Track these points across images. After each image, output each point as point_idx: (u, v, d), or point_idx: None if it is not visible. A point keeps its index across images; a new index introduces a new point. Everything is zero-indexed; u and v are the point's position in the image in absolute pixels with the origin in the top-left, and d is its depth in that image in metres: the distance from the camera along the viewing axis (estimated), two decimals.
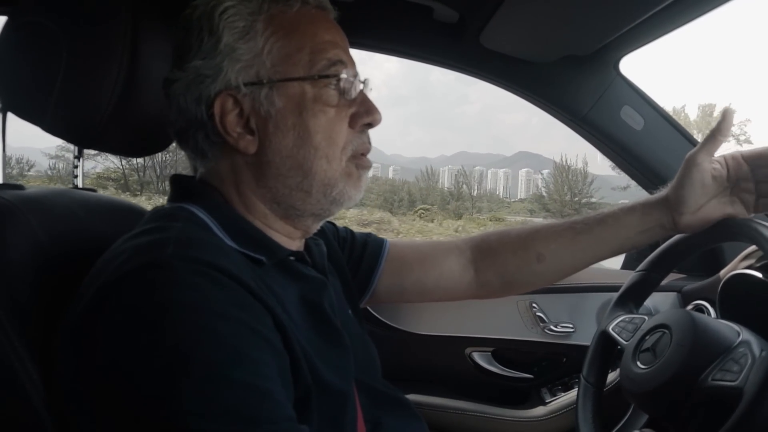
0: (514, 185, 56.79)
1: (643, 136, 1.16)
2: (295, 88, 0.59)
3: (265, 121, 0.59)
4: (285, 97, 0.59)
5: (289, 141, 0.59)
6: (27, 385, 0.52)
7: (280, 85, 0.59)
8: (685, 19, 0.94)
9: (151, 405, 0.44)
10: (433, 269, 0.87)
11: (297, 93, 0.59)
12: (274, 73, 0.59)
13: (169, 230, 0.54)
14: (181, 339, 0.45)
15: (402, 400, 0.75)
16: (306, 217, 0.64)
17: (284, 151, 0.60)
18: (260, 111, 0.59)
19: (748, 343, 0.65)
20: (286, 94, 0.59)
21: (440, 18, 1.09)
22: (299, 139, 0.59)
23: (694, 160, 0.74)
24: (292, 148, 0.59)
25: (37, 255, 0.57)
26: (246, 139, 0.60)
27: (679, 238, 0.83)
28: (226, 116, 0.59)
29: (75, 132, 0.71)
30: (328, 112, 0.60)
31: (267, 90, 0.59)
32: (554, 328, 1.28)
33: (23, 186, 0.68)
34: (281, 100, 0.59)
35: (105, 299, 0.48)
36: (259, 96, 0.59)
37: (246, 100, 0.59)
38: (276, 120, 0.59)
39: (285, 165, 0.60)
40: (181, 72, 0.60)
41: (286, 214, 0.63)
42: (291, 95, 0.59)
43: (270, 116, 0.59)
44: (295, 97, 0.59)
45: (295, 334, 0.55)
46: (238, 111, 0.59)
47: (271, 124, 0.59)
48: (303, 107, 0.59)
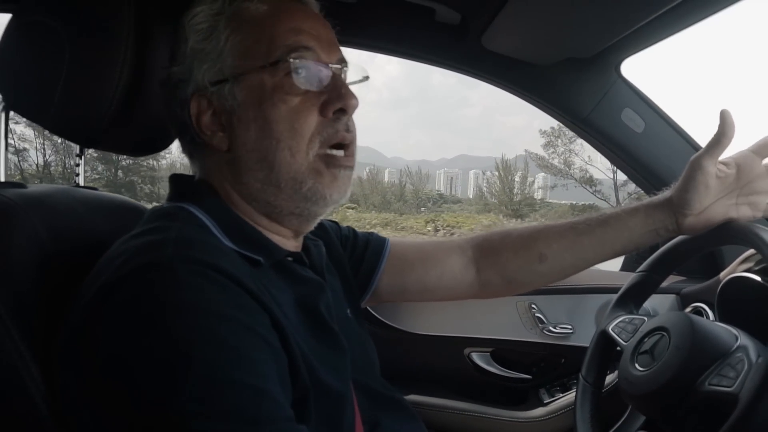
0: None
1: (644, 139, 1.17)
2: (253, 79, 0.59)
3: (230, 117, 0.60)
4: (245, 89, 0.60)
5: (252, 133, 0.60)
6: (28, 383, 0.52)
7: (241, 79, 0.59)
8: (688, 22, 0.94)
9: (151, 405, 0.45)
10: (434, 268, 0.87)
11: (256, 84, 0.59)
12: (235, 67, 0.60)
13: (168, 231, 0.54)
14: (180, 340, 0.46)
15: (400, 401, 0.75)
16: (286, 216, 0.63)
17: (249, 144, 0.60)
18: (226, 107, 0.60)
19: (745, 349, 0.65)
20: (246, 86, 0.60)
21: (442, 19, 1.09)
22: (260, 130, 0.59)
23: (699, 164, 0.74)
24: (255, 141, 0.60)
25: (38, 253, 0.58)
26: (218, 136, 0.61)
27: (680, 240, 0.84)
28: (201, 117, 0.61)
29: (77, 131, 0.71)
30: (290, 101, 0.59)
31: (229, 85, 0.60)
32: (553, 329, 1.29)
33: (25, 184, 0.68)
34: (241, 93, 0.60)
35: (105, 299, 0.49)
36: (224, 92, 0.60)
37: (215, 98, 0.60)
38: (239, 114, 0.60)
39: (251, 158, 0.60)
40: (168, 78, 0.63)
41: (266, 212, 0.64)
42: (250, 87, 0.60)
43: (233, 111, 0.60)
44: (254, 89, 0.59)
45: (292, 334, 0.55)
46: (212, 111, 0.61)
47: (235, 119, 0.60)
48: (262, 98, 0.59)
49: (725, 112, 0.72)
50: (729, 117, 0.72)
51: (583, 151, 20.32)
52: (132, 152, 0.81)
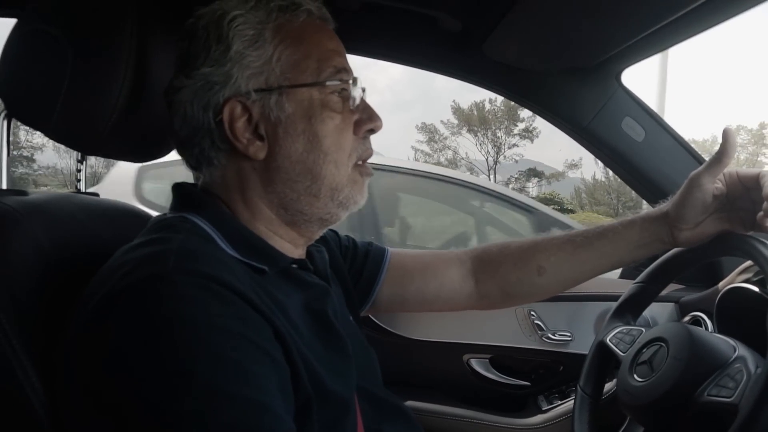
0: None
1: (644, 148, 1.17)
2: (303, 94, 0.60)
3: (275, 127, 0.60)
4: (294, 102, 0.60)
5: (299, 146, 0.61)
6: (28, 391, 0.52)
7: (290, 92, 0.60)
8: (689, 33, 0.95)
9: (151, 418, 0.44)
10: (434, 279, 0.87)
11: (306, 99, 0.60)
12: (284, 79, 0.60)
13: (170, 242, 0.54)
14: (181, 353, 0.46)
15: (402, 408, 0.75)
16: (313, 223, 0.65)
17: (294, 156, 0.61)
18: (270, 117, 0.60)
19: (743, 359, 0.65)
20: (296, 100, 0.60)
21: (444, 27, 1.10)
22: (309, 143, 0.61)
23: (698, 182, 0.74)
24: (302, 153, 0.61)
25: (39, 261, 0.58)
26: (255, 144, 0.61)
27: (678, 251, 0.84)
28: (235, 122, 0.60)
29: (79, 139, 0.71)
30: (335, 119, 0.62)
31: (277, 96, 0.60)
32: (552, 336, 1.29)
33: (26, 192, 0.68)
34: (291, 105, 0.60)
35: (106, 312, 0.49)
36: (268, 102, 0.60)
37: (255, 106, 0.60)
38: (286, 125, 0.60)
39: (294, 170, 0.61)
40: (188, 79, 0.60)
41: (292, 220, 0.64)
42: (300, 101, 0.60)
43: (280, 122, 0.60)
44: (303, 103, 0.60)
45: (296, 343, 0.55)
46: (247, 117, 0.60)
47: (281, 130, 0.60)
48: (312, 113, 0.61)
49: (728, 131, 0.73)
50: (732, 136, 0.72)
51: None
52: (133, 158, 0.82)
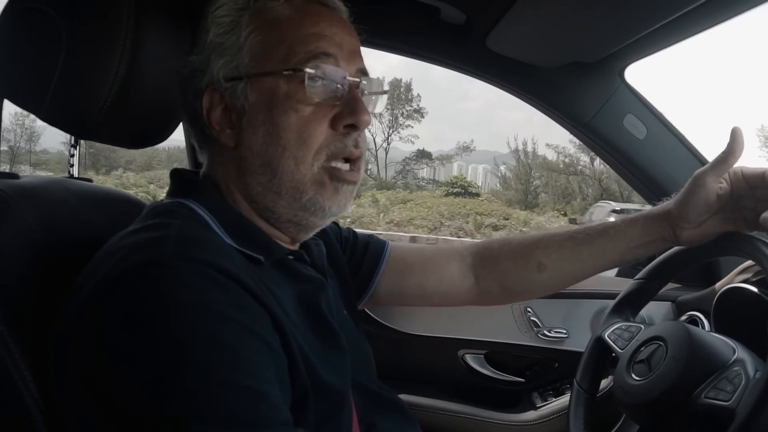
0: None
1: (646, 145, 1.16)
2: (268, 83, 0.58)
3: (241, 116, 0.60)
4: (258, 92, 0.59)
5: (259, 137, 0.59)
6: (16, 378, 0.51)
7: (255, 80, 0.58)
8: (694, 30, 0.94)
9: (147, 405, 0.44)
10: (433, 274, 0.87)
11: (270, 88, 0.58)
12: (251, 67, 0.59)
13: (168, 227, 0.53)
14: (178, 339, 0.45)
15: (396, 402, 0.75)
16: (284, 222, 0.63)
17: (254, 147, 0.59)
18: (237, 105, 0.59)
19: (742, 362, 0.65)
20: (260, 89, 0.59)
21: (447, 19, 1.08)
22: (268, 135, 0.58)
23: (702, 181, 0.73)
24: (261, 145, 0.59)
25: (29, 245, 0.57)
26: (226, 132, 0.61)
27: (680, 249, 0.83)
28: (213, 110, 0.60)
29: (73, 122, 0.70)
30: (301, 111, 0.58)
31: (243, 84, 0.59)
32: (548, 333, 1.29)
33: (18, 175, 0.67)
34: (254, 94, 0.59)
35: (102, 297, 0.48)
36: (237, 90, 0.59)
37: (227, 94, 0.60)
38: (249, 115, 0.59)
39: (256, 161, 0.60)
40: (184, 68, 0.62)
41: (265, 216, 0.63)
42: (264, 90, 0.58)
43: (244, 111, 0.59)
44: (267, 93, 0.58)
45: (293, 334, 0.54)
46: (224, 106, 0.60)
47: (245, 119, 0.59)
48: (274, 103, 0.58)
49: (736, 130, 0.71)
50: (740, 136, 0.71)
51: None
52: (129, 144, 0.80)
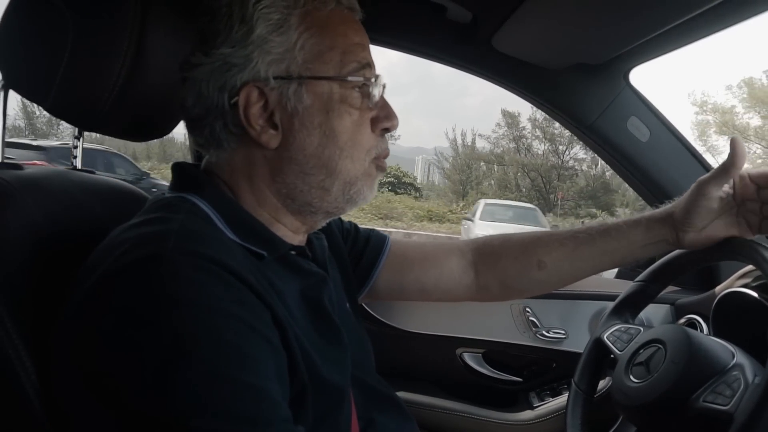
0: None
1: (649, 149, 1.16)
2: (324, 87, 0.58)
3: (291, 117, 0.58)
4: (313, 94, 0.58)
5: (315, 139, 0.59)
6: (19, 370, 0.51)
7: (310, 83, 0.58)
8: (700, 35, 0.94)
9: (147, 400, 0.44)
10: (433, 269, 0.87)
11: (325, 92, 0.59)
12: (305, 69, 0.58)
13: (171, 222, 0.53)
14: (179, 335, 0.45)
15: (394, 399, 0.75)
16: (318, 214, 0.64)
17: (309, 149, 0.59)
18: (287, 106, 0.58)
19: (741, 367, 0.65)
20: (315, 92, 0.58)
21: (453, 18, 1.08)
22: (325, 138, 0.59)
23: (704, 190, 0.73)
24: (317, 147, 0.59)
25: (33, 236, 0.57)
26: (269, 133, 0.59)
27: (681, 252, 0.83)
28: (250, 108, 0.58)
29: (78, 114, 0.69)
30: (353, 114, 0.60)
31: (296, 86, 0.58)
32: (546, 334, 1.29)
33: (21, 165, 0.67)
34: (309, 97, 0.58)
35: (103, 290, 0.48)
36: (287, 91, 0.58)
37: (273, 93, 0.58)
38: (302, 117, 0.58)
39: (308, 163, 0.60)
40: (206, 57, 0.58)
41: (299, 210, 0.63)
42: (319, 94, 0.58)
43: (296, 113, 0.58)
44: (323, 96, 0.58)
45: (294, 330, 0.54)
46: (263, 104, 0.58)
47: (297, 121, 0.58)
48: (330, 107, 0.59)
49: (737, 140, 0.71)
50: (740, 146, 0.71)
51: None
52: (133, 137, 0.80)
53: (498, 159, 20.16)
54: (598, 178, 18.84)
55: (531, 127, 19.33)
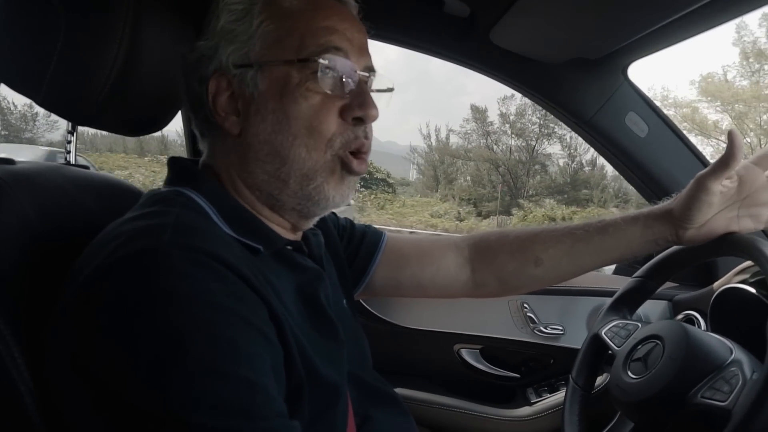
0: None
1: (647, 144, 1.16)
2: (280, 71, 0.58)
3: (248, 104, 0.59)
4: (268, 80, 0.58)
5: (268, 125, 0.59)
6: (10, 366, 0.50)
7: (266, 68, 0.58)
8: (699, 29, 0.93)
9: (141, 394, 0.43)
10: (430, 265, 0.87)
11: (281, 77, 0.58)
12: (262, 55, 0.59)
13: (166, 216, 0.52)
14: (174, 329, 0.44)
15: (391, 395, 0.75)
16: (288, 211, 0.63)
17: (262, 135, 0.59)
18: (245, 93, 0.59)
19: (739, 363, 0.65)
20: (270, 77, 0.58)
21: (451, 12, 1.07)
22: (278, 124, 0.58)
23: (703, 185, 0.73)
24: (270, 133, 0.59)
25: (25, 231, 0.56)
26: (231, 119, 0.60)
27: (679, 248, 0.83)
28: (218, 97, 0.60)
29: (70, 108, 0.69)
30: (312, 99, 0.58)
31: (253, 72, 0.59)
32: (544, 330, 1.29)
33: (14, 161, 0.66)
34: (264, 82, 0.59)
35: (98, 284, 0.47)
36: (246, 77, 0.59)
37: (235, 81, 0.59)
38: (258, 103, 0.59)
39: (263, 150, 0.59)
40: (191, 52, 0.61)
41: (270, 203, 0.63)
42: (274, 78, 0.58)
43: (253, 99, 0.59)
44: (278, 81, 0.58)
45: (290, 325, 0.54)
46: (230, 93, 0.60)
47: (253, 107, 0.59)
48: (285, 92, 0.58)
49: (733, 133, 0.71)
50: (737, 138, 0.71)
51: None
52: (127, 131, 0.79)
53: (467, 155, 20.14)
54: (573, 173, 18.86)
55: (500, 123, 19.34)
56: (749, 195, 0.75)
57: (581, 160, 18.82)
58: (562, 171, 19.21)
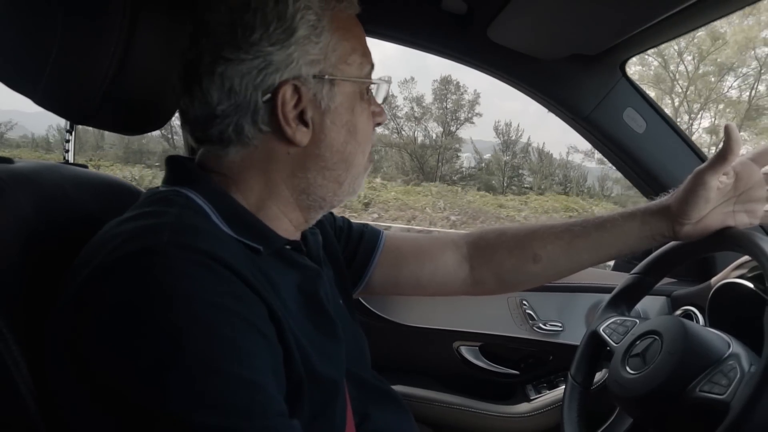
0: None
1: (645, 140, 1.16)
2: (350, 86, 0.62)
3: (323, 115, 0.60)
4: (342, 94, 0.61)
5: (341, 136, 0.62)
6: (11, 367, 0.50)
7: (340, 83, 0.60)
8: (696, 24, 0.93)
9: (141, 394, 0.43)
10: (428, 263, 0.87)
11: (351, 92, 0.62)
12: (337, 70, 0.60)
13: (165, 215, 0.52)
14: (173, 328, 0.44)
15: (390, 393, 0.75)
16: (325, 208, 0.67)
17: (336, 145, 0.62)
18: (320, 105, 0.60)
19: (737, 357, 0.65)
20: (343, 91, 0.61)
21: (448, 9, 1.07)
22: (349, 134, 0.62)
23: (702, 179, 0.73)
24: (343, 143, 0.62)
25: (24, 231, 0.56)
26: (301, 130, 0.60)
27: (677, 244, 0.83)
28: (285, 106, 0.58)
29: (68, 107, 0.68)
30: (366, 112, 0.65)
31: (329, 85, 0.60)
32: (543, 326, 1.29)
33: (12, 159, 0.66)
34: (339, 96, 0.61)
35: (96, 285, 0.47)
36: (321, 90, 0.59)
37: (308, 92, 0.59)
38: (333, 115, 0.61)
39: (333, 159, 0.62)
40: (244, 54, 0.56)
41: (309, 205, 0.64)
42: (346, 93, 0.61)
43: (328, 111, 0.60)
44: (350, 96, 0.62)
45: (289, 324, 0.54)
46: (295, 102, 0.59)
47: (328, 119, 0.61)
48: (354, 105, 0.62)
49: (730, 127, 0.71)
50: (735, 132, 0.71)
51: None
52: (126, 130, 0.79)
53: (382, 142, 20.24)
54: (492, 162, 19.08)
55: (408, 109, 19.42)
56: (745, 191, 0.75)
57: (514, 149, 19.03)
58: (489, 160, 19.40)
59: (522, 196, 16.38)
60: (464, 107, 18.83)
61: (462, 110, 18.90)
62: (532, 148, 18.88)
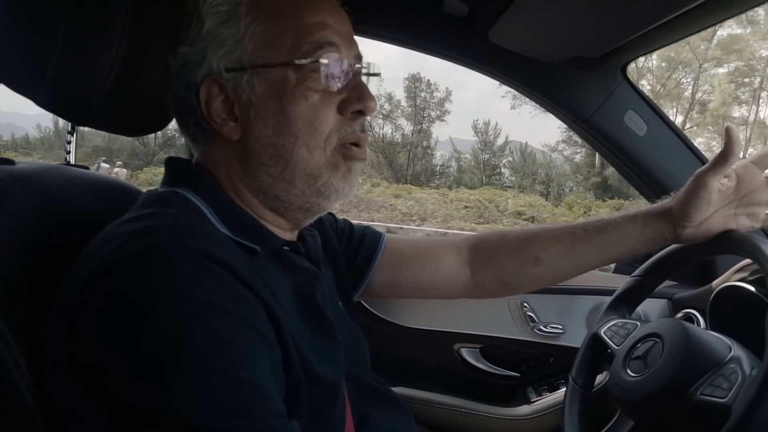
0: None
1: (646, 143, 1.16)
2: (276, 73, 0.57)
3: (247, 108, 0.58)
4: (266, 83, 0.57)
5: (269, 129, 0.58)
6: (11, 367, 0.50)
7: (261, 71, 0.57)
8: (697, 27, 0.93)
9: (140, 394, 0.43)
10: (429, 266, 0.87)
11: (278, 79, 0.57)
12: (255, 58, 0.57)
13: (163, 217, 0.53)
14: (172, 329, 0.44)
15: (390, 395, 0.75)
16: (293, 210, 0.62)
17: (264, 139, 0.58)
18: (242, 97, 0.58)
19: (738, 360, 0.65)
20: (267, 80, 0.57)
21: (450, 11, 1.07)
22: (278, 126, 0.58)
23: (703, 181, 0.73)
24: (272, 136, 0.58)
25: (25, 232, 0.56)
26: (229, 126, 0.59)
27: (678, 247, 0.83)
28: (211, 102, 0.58)
29: (70, 109, 0.69)
30: (311, 98, 0.58)
31: (248, 76, 0.57)
32: (543, 329, 1.29)
33: (14, 161, 0.66)
34: (261, 86, 0.57)
35: (96, 285, 0.47)
36: (241, 82, 0.58)
37: (229, 86, 0.58)
38: (257, 107, 0.58)
39: (266, 153, 0.59)
40: (174, 59, 0.59)
41: (273, 206, 0.62)
42: (272, 81, 0.57)
43: (251, 103, 0.58)
44: (276, 84, 0.57)
45: (287, 326, 0.54)
46: (224, 97, 0.58)
47: (252, 111, 0.58)
48: (283, 93, 0.57)
49: (731, 128, 0.71)
50: (735, 133, 0.71)
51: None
52: (127, 132, 0.79)
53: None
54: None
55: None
56: (747, 194, 0.75)
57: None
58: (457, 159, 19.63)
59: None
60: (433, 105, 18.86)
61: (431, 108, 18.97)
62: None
